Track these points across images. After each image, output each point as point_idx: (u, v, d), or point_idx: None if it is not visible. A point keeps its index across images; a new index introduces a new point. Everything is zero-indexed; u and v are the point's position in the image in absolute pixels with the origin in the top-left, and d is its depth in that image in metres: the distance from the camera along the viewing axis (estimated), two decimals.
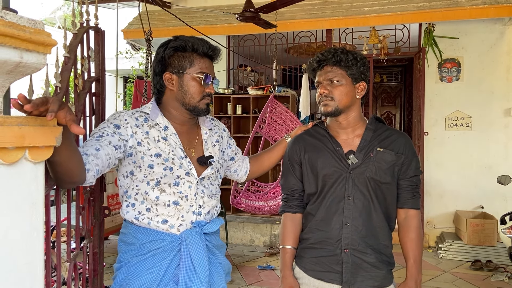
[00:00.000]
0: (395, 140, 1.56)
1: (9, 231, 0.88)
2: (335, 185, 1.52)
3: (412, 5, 4.72)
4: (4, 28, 0.83)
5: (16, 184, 0.90)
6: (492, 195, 4.91)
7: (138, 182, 1.41)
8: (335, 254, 1.51)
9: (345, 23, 4.97)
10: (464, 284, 3.83)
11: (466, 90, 5.10)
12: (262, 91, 5.39)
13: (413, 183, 1.57)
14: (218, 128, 1.65)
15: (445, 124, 5.20)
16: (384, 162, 1.51)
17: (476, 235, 4.49)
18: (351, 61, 1.51)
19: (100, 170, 1.28)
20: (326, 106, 1.53)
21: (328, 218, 1.53)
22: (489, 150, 5.03)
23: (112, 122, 1.38)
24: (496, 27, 4.97)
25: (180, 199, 1.43)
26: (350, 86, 1.53)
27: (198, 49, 1.42)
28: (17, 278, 0.90)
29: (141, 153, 1.39)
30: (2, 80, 0.91)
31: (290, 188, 1.64)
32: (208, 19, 5.36)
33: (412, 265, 1.53)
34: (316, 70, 1.58)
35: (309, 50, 6.34)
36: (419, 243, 1.55)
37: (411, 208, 1.57)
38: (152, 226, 1.41)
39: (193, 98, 1.44)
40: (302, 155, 1.60)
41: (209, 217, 1.50)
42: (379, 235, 1.53)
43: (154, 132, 1.43)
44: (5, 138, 0.84)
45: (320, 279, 1.53)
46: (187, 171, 1.44)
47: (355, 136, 1.57)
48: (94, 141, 1.30)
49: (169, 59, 1.43)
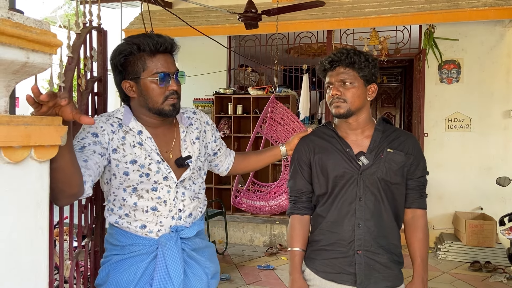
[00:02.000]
0: (404, 141, 1.56)
1: (14, 229, 0.89)
2: (346, 186, 1.52)
3: (412, 7, 4.74)
4: (11, 29, 0.84)
5: (22, 182, 0.91)
6: (491, 196, 4.92)
7: (115, 189, 1.39)
8: (347, 255, 1.50)
9: (346, 24, 4.99)
10: (463, 285, 3.84)
11: (466, 91, 5.12)
12: (263, 91, 5.40)
13: (420, 183, 1.58)
14: (200, 122, 1.57)
15: (444, 126, 5.21)
16: (394, 163, 1.52)
17: (475, 236, 4.50)
18: (363, 62, 1.50)
19: (93, 180, 1.27)
20: (338, 108, 1.52)
21: (339, 219, 1.52)
22: (489, 152, 5.05)
23: (89, 131, 1.34)
24: (496, 29, 4.99)
25: (159, 205, 1.40)
26: (362, 88, 1.52)
27: (145, 48, 1.33)
28: (22, 276, 0.91)
29: (116, 161, 1.36)
30: (9, 80, 0.92)
31: (299, 190, 1.62)
32: (209, 19, 5.37)
33: (419, 264, 1.54)
34: (327, 71, 1.56)
35: (310, 50, 6.36)
36: (426, 243, 1.57)
37: (418, 208, 1.58)
38: (131, 230, 1.40)
39: (155, 101, 1.36)
40: (312, 156, 1.59)
41: (190, 220, 1.47)
42: (390, 235, 1.54)
43: (129, 138, 1.39)
44: (11, 137, 0.85)
45: (333, 281, 1.52)
46: (165, 176, 1.40)
47: (364, 137, 1.57)
48: (78, 154, 1.26)
49: (121, 67, 1.36)
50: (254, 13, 3.07)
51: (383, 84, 9.00)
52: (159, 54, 1.36)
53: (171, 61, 1.40)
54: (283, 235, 5.02)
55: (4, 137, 0.84)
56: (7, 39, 0.84)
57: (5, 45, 0.85)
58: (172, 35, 5.18)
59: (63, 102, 0.94)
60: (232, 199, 3.69)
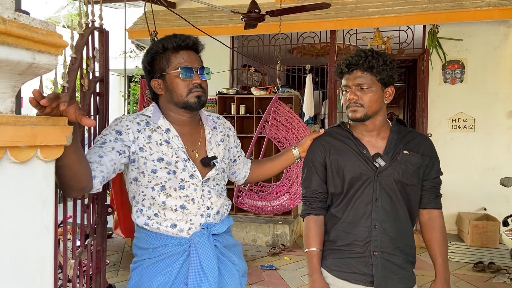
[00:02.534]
0: (419, 143, 1.56)
1: (21, 228, 0.90)
2: (362, 187, 1.51)
3: (416, 7, 4.73)
4: (17, 30, 0.85)
5: (28, 182, 0.92)
6: (495, 197, 4.91)
7: (143, 188, 1.42)
8: (363, 256, 1.50)
9: (349, 24, 4.99)
10: (466, 285, 3.83)
11: (470, 92, 5.10)
12: (266, 92, 5.41)
13: (436, 184, 1.59)
14: (224, 126, 1.63)
15: (448, 126, 5.20)
16: (411, 164, 1.52)
17: (478, 236, 4.49)
18: (381, 66, 1.48)
19: (105, 176, 1.28)
20: (354, 112, 1.51)
21: (356, 220, 1.52)
22: (492, 152, 5.03)
23: (114, 129, 1.39)
24: (500, 29, 4.97)
25: (187, 203, 1.43)
26: (379, 92, 1.51)
27: (168, 46, 1.41)
28: (28, 275, 0.92)
29: (144, 159, 1.40)
30: (15, 80, 0.93)
31: (314, 190, 1.61)
32: (212, 19, 5.38)
33: (441, 264, 1.54)
34: (344, 73, 1.54)
35: (313, 50, 6.35)
36: (445, 242, 1.58)
37: (434, 208, 1.59)
38: (162, 230, 1.42)
39: (180, 95, 1.42)
40: (327, 157, 1.58)
41: (219, 217, 1.50)
42: (405, 236, 1.54)
43: (156, 136, 1.43)
44: (17, 137, 0.86)
45: (345, 280, 1.52)
46: (191, 174, 1.43)
47: (379, 139, 1.56)
48: (97, 148, 1.31)
49: (150, 66, 1.45)
50: (257, 13, 3.08)
51: None
52: (182, 50, 1.43)
53: (195, 57, 1.46)
54: (286, 235, 5.02)
55: (10, 137, 0.84)
56: (14, 40, 0.85)
57: (11, 46, 0.85)
58: None
59: (62, 107, 0.94)
60: (234, 199, 3.70)
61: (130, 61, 7.78)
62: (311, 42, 5.88)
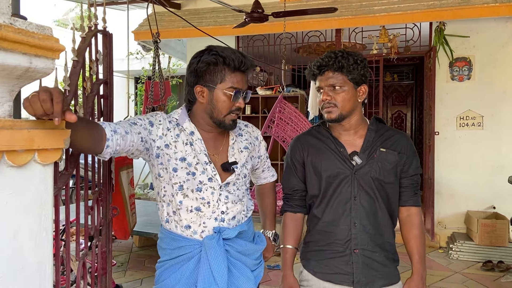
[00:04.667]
0: (397, 140, 1.58)
1: (18, 231, 0.91)
2: (340, 186, 1.54)
3: (422, 4, 4.69)
4: (13, 34, 0.86)
5: (26, 185, 0.93)
6: (504, 195, 4.84)
7: (165, 184, 1.47)
8: (344, 255, 1.52)
9: (355, 23, 4.95)
10: (474, 285, 3.80)
11: (478, 89, 5.05)
12: (271, 91, 5.40)
13: (414, 181, 1.60)
14: (250, 135, 1.64)
15: (456, 124, 5.15)
16: (388, 162, 1.54)
17: (487, 235, 4.44)
18: (352, 65, 1.51)
19: (118, 151, 1.32)
20: (329, 113, 1.54)
21: (335, 219, 1.54)
22: (501, 150, 4.97)
23: (148, 119, 1.45)
24: (508, 25, 4.91)
25: (202, 205, 1.46)
26: (352, 91, 1.53)
27: (230, 64, 1.41)
28: (26, 278, 0.93)
29: (168, 156, 1.44)
30: (12, 84, 0.94)
31: (291, 188, 1.65)
32: (217, 20, 5.38)
33: (417, 261, 1.55)
34: (316, 75, 1.57)
35: (319, 49, 6.33)
36: (422, 240, 1.58)
37: (413, 205, 1.60)
38: (178, 231, 1.47)
39: (221, 112, 1.45)
40: (305, 156, 1.61)
41: (234, 223, 1.52)
42: (385, 234, 1.56)
43: (183, 136, 1.47)
44: (15, 141, 0.87)
45: (330, 281, 1.54)
46: (210, 177, 1.46)
47: (357, 137, 1.58)
48: (127, 125, 1.36)
49: (201, 73, 1.44)
50: (261, 13, 3.07)
51: (394, 82, 8.91)
52: (238, 71, 1.44)
53: (246, 80, 1.49)
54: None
55: (7, 141, 0.85)
56: (10, 45, 0.86)
57: (7, 50, 0.86)
58: (180, 36, 5.24)
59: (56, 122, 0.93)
60: None
61: (136, 62, 7.83)
62: (317, 41, 5.85)
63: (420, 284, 1.53)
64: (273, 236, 1.75)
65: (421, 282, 1.53)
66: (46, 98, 0.92)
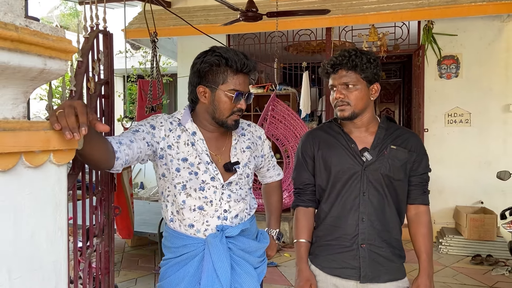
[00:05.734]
0: (407, 139, 1.60)
1: (35, 231, 0.92)
2: (350, 181, 1.55)
3: (411, 3, 4.76)
4: (30, 37, 0.87)
5: (42, 186, 0.93)
6: (491, 190, 4.96)
7: (169, 184, 1.49)
8: (352, 249, 1.55)
9: (345, 21, 5.01)
10: (465, 278, 3.89)
11: (465, 86, 5.15)
12: (263, 90, 5.43)
13: (423, 180, 1.62)
14: (253, 134, 1.64)
15: (444, 121, 5.25)
16: (398, 159, 1.56)
17: (476, 230, 4.55)
18: (365, 64, 1.52)
19: (129, 160, 1.33)
20: (342, 111, 1.55)
21: (344, 214, 1.56)
22: (488, 146, 5.09)
23: (149, 122, 1.46)
24: (494, 24, 5.01)
25: (205, 204, 1.48)
26: (365, 89, 1.55)
27: (233, 65, 1.42)
28: (43, 277, 0.94)
29: (171, 156, 1.46)
30: (27, 86, 0.94)
31: (302, 182, 1.66)
32: (208, 18, 5.38)
33: (425, 259, 1.58)
34: (329, 73, 1.58)
35: (309, 48, 6.37)
36: (430, 238, 1.61)
37: (421, 204, 1.62)
38: (182, 229, 1.49)
39: (223, 114, 1.46)
40: (316, 150, 1.63)
41: (237, 221, 1.53)
42: (392, 230, 1.58)
43: (185, 137, 1.49)
44: (32, 142, 0.88)
45: (337, 276, 1.57)
46: (212, 176, 1.48)
47: (368, 134, 1.60)
48: (130, 134, 1.38)
49: (203, 73, 1.45)
50: (255, 12, 3.09)
51: (382, 80, 8.97)
52: (241, 73, 1.45)
53: (247, 82, 1.50)
54: (285, 232, 5.05)
55: (25, 142, 0.86)
56: (26, 47, 0.87)
57: (24, 52, 0.87)
58: (172, 35, 5.23)
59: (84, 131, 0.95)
60: None
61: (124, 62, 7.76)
62: (307, 39, 5.90)
63: (428, 282, 1.55)
64: (277, 234, 1.78)
65: (428, 280, 1.55)
66: (70, 112, 0.95)
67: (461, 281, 3.83)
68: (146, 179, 8.31)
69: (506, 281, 3.78)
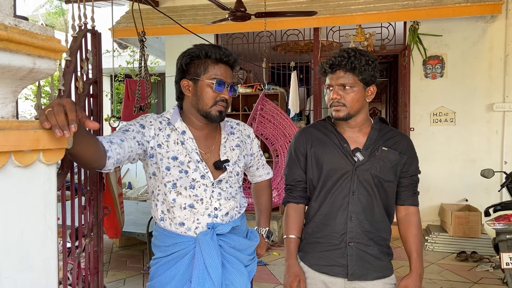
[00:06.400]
0: (399, 141, 1.62)
1: (25, 230, 0.92)
2: (340, 180, 1.57)
3: (397, 4, 4.82)
4: (19, 36, 0.87)
5: (31, 185, 0.93)
6: (475, 188, 5.06)
7: (159, 183, 1.50)
8: (340, 247, 1.57)
9: (332, 22, 5.05)
10: (450, 275, 3.95)
11: (450, 86, 5.24)
12: (252, 89, 5.44)
13: (413, 181, 1.65)
14: (242, 133, 1.67)
15: (430, 120, 5.33)
16: (389, 161, 1.58)
17: (461, 227, 4.62)
18: (364, 66, 1.52)
19: (120, 159, 1.33)
20: (338, 111, 1.56)
21: (333, 212, 1.58)
22: (473, 145, 5.18)
23: (139, 122, 1.48)
24: (478, 24, 5.11)
25: (195, 202, 1.49)
26: (361, 91, 1.55)
27: (211, 55, 1.46)
28: (33, 276, 0.94)
29: (161, 155, 1.47)
30: (16, 85, 0.94)
31: (294, 179, 1.68)
32: (196, 18, 5.38)
33: (415, 259, 1.60)
34: (327, 73, 1.58)
35: (297, 47, 6.41)
36: (420, 238, 1.63)
37: (411, 205, 1.65)
38: (173, 228, 1.50)
39: (206, 104, 1.47)
40: (309, 148, 1.64)
41: (227, 219, 1.55)
42: (380, 229, 1.60)
43: (174, 136, 1.50)
44: (21, 142, 0.88)
45: (325, 273, 1.59)
46: (203, 175, 1.49)
47: (361, 134, 1.62)
48: (120, 133, 1.38)
49: (186, 67, 1.49)
50: (244, 12, 3.10)
51: None
52: (221, 63, 1.49)
53: (230, 74, 1.52)
54: (274, 231, 5.07)
55: (15, 141, 0.86)
56: (15, 46, 0.87)
57: (13, 52, 0.87)
58: (159, 34, 5.21)
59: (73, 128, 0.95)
60: None
61: (110, 61, 7.70)
62: (295, 39, 5.93)
63: (418, 282, 1.57)
64: (267, 233, 1.80)
65: (418, 280, 1.58)
66: (59, 110, 0.95)
67: (446, 277, 3.89)
68: (134, 179, 8.26)
69: (491, 277, 3.86)
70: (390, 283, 1.61)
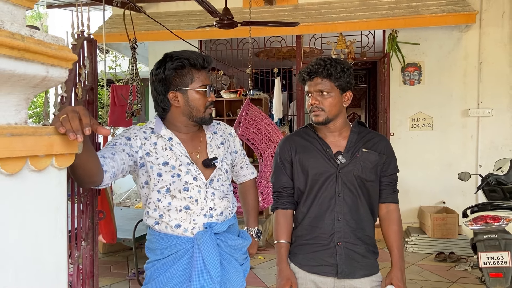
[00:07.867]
0: (377, 142, 1.72)
1: (39, 233, 0.95)
2: (326, 183, 1.65)
3: (376, 13, 4.99)
4: (34, 46, 0.91)
5: (45, 189, 0.97)
6: (452, 190, 5.24)
7: (150, 191, 1.52)
8: (329, 247, 1.64)
9: (314, 29, 5.18)
10: (430, 275, 4.08)
11: (427, 92, 5.42)
12: (236, 95, 5.50)
13: (392, 180, 1.74)
14: (224, 131, 1.73)
15: (408, 125, 5.50)
16: (369, 161, 1.67)
17: (439, 228, 4.78)
18: (339, 73, 1.63)
19: (115, 173, 1.36)
20: (317, 116, 1.65)
21: (321, 214, 1.65)
22: (449, 149, 5.37)
23: (123, 135, 1.50)
24: (453, 33, 5.31)
25: (191, 204, 1.53)
26: (338, 96, 1.66)
27: (196, 64, 1.51)
28: (45, 278, 0.97)
29: (150, 163, 1.49)
30: (29, 93, 0.98)
31: (281, 185, 1.74)
32: (180, 24, 5.41)
33: (396, 254, 1.69)
34: (306, 80, 1.68)
35: (279, 54, 6.51)
36: (400, 234, 1.72)
37: (391, 202, 1.74)
38: (169, 230, 1.52)
39: (199, 110, 1.54)
40: (293, 155, 1.72)
41: (222, 218, 1.59)
42: (366, 228, 1.68)
43: (161, 142, 1.53)
44: (37, 147, 0.91)
45: (315, 273, 1.65)
46: (195, 176, 1.53)
47: (341, 138, 1.71)
48: (109, 148, 1.40)
49: (170, 79, 1.51)
50: (231, 20, 3.17)
51: None
52: (203, 69, 1.55)
53: (208, 76, 1.60)
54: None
55: (31, 146, 0.90)
56: (31, 56, 0.90)
57: (28, 61, 0.91)
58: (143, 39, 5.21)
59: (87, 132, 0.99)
60: None
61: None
62: (278, 46, 6.03)
63: (399, 275, 1.66)
64: (256, 232, 1.85)
65: (400, 273, 1.66)
66: (74, 116, 0.99)
67: (426, 277, 4.02)
68: (115, 185, 8.17)
69: (468, 277, 4.00)
70: (376, 281, 1.69)
